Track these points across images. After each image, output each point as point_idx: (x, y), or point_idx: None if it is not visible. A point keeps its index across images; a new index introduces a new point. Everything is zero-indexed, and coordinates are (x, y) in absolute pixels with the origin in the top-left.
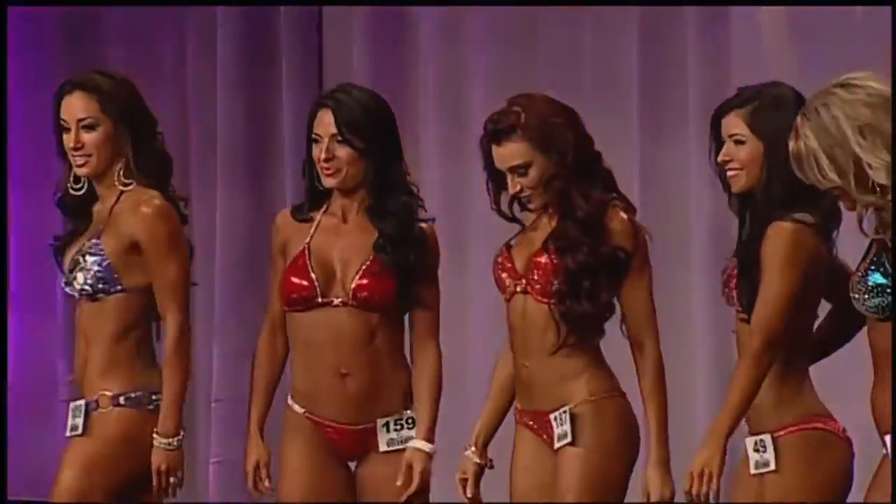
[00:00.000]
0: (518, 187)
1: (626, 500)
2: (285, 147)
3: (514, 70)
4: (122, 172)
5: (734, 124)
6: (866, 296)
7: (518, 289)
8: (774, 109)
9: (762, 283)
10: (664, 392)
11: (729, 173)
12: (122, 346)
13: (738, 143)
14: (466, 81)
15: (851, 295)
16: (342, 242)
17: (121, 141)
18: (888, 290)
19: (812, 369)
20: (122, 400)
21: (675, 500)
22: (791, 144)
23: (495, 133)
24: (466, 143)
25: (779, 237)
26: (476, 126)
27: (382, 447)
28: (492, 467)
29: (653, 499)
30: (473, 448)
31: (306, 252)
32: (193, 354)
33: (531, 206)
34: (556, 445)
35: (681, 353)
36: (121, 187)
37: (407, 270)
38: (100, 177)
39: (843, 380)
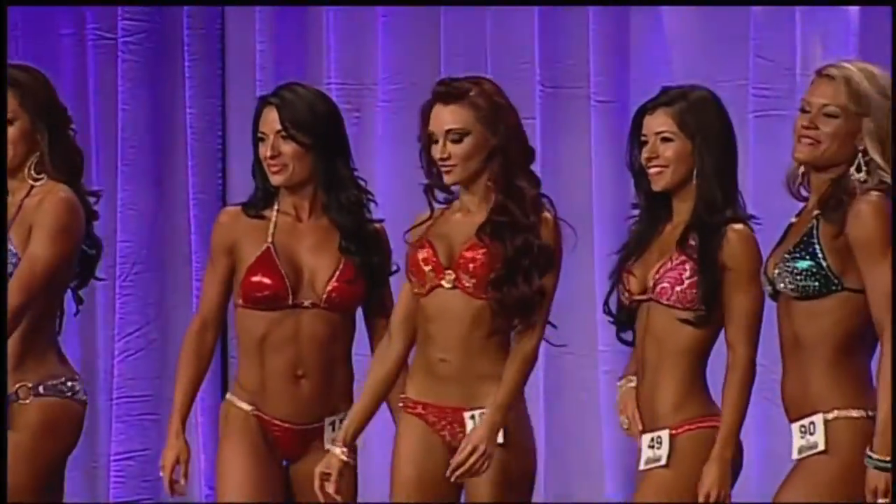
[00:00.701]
0: (447, 154)
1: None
2: (188, 142)
3: (416, 64)
4: (34, 167)
5: (662, 122)
6: (792, 278)
7: (445, 284)
8: (702, 109)
9: (736, 290)
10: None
11: (653, 170)
12: (35, 337)
13: (666, 140)
14: (369, 77)
15: (774, 274)
16: (305, 243)
17: (36, 136)
18: (816, 274)
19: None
20: (41, 389)
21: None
22: (834, 85)
23: (446, 94)
24: (370, 139)
25: (747, 242)
26: (378, 125)
27: (327, 445)
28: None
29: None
30: (342, 444)
31: (272, 251)
32: (96, 352)
33: (449, 177)
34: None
35: (583, 343)
36: (31, 182)
37: (373, 272)
38: (13, 171)
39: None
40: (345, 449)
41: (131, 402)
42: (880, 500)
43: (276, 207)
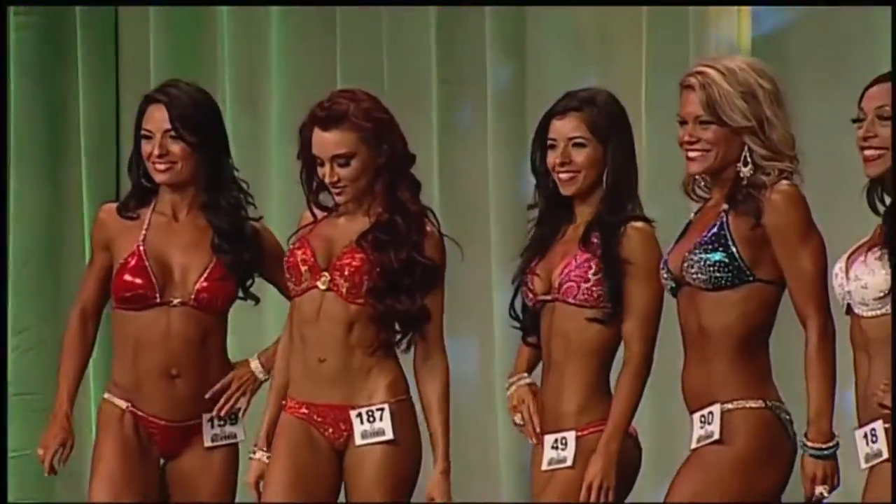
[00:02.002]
0: (335, 178)
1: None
2: (82, 140)
3: (313, 67)
4: None
5: (574, 127)
6: (704, 270)
7: (320, 284)
8: (611, 114)
9: (635, 287)
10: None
11: (563, 175)
12: None
13: (578, 145)
14: (265, 78)
15: (682, 267)
16: (178, 241)
17: None
18: (729, 265)
19: None
20: None
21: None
22: (697, 93)
23: (325, 119)
24: (265, 135)
25: (646, 239)
26: (274, 122)
27: (207, 443)
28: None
29: (584, 484)
30: (262, 449)
31: (142, 251)
32: None
33: (340, 198)
34: (359, 442)
35: (483, 351)
36: None
37: (245, 271)
38: None
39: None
40: (267, 452)
41: (26, 398)
42: (819, 488)
43: (152, 206)
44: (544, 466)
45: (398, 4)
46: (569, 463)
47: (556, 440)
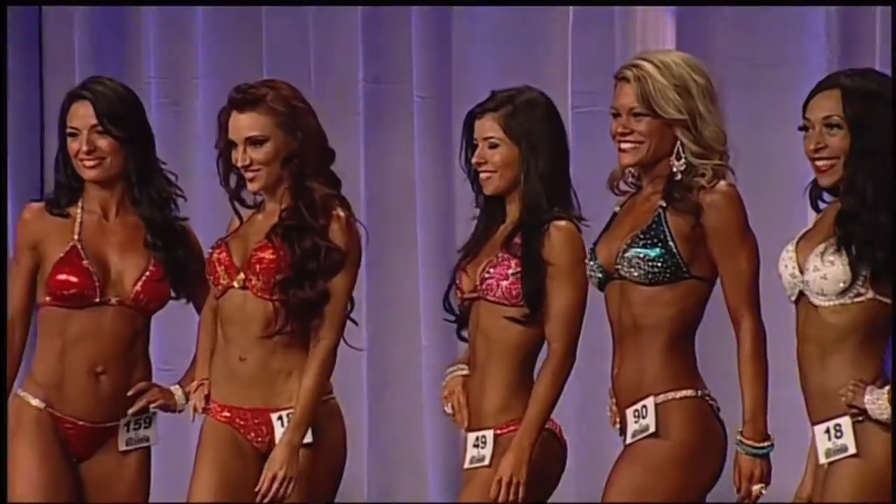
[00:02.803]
0: (248, 160)
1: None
2: (6, 139)
3: (238, 66)
4: None
5: (489, 128)
6: (641, 265)
7: (236, 284)
8: (529, 113)
9: (556, 286)
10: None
11: (482, 175)
12: None
13: (493, 146)
14: (190, 72)
15: (616, 261)
16: (112, 241)
17: None
18: (667, 261)
19: None
20: None
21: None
22: (632, 86)
23: (242, 101)
24: (190, 134)
25: (568, 238)
26: (200, 121)
27: (122, 446)
28: None
29: (495, 479)
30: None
31: (79, 249)
32: None
33: (253, 185)
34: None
35: (410, 349)
36: None
37: (179, 268)
38: None
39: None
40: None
41: None
42: (755, 487)
43: (80, 205)
44: (466, 465)
45: (324, 4)
46: (487, 462)
47: (476, 438)
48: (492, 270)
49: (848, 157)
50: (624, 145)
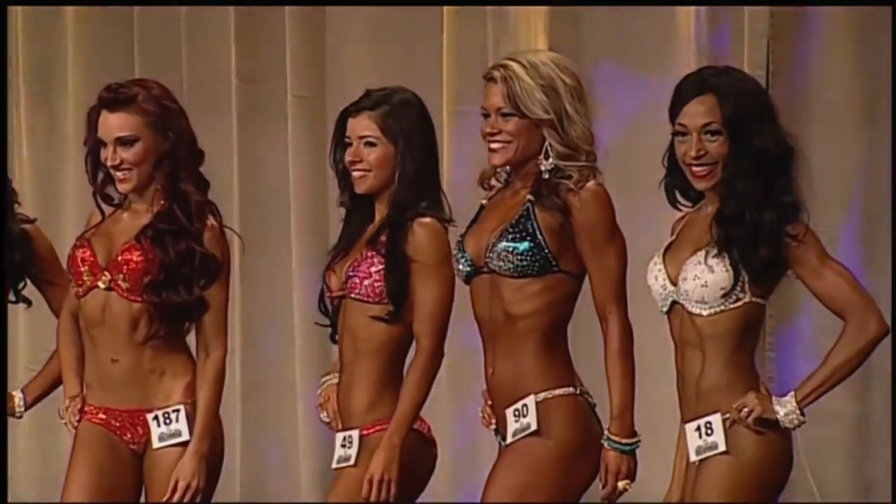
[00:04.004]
0: (118, 160)
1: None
2: None
3: (110, 66)
4: None
5: (365, 126)
6: (511, 258)
7: (101, 285)
8: (405, 113)
9: (422, 282)
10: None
11: (356, 174)
12: None
13: (369, 144)
14: (60, 76)
15: (485, 253)
16: None
17: None
18: (536, 255)
19: None
20: None
21: None
22: (500, 86)
23: (113, 100)
24: (62, 138)
25: (432, 235)
26: (69, 120)
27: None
28: None
29: (366, 477)
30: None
31: None
32: None
33: (123, 185)
34: (157, 445)
35: (284, 351)
36: None
37: (16, 273)
38: None
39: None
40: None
41: None
42: (621, 483)
43: None
44: (334, 465)
45: (197, 4)
46: (352, 462)
47: (343, 438)
48: (356, 268)
49: (726, 161)
50: (493, 145)
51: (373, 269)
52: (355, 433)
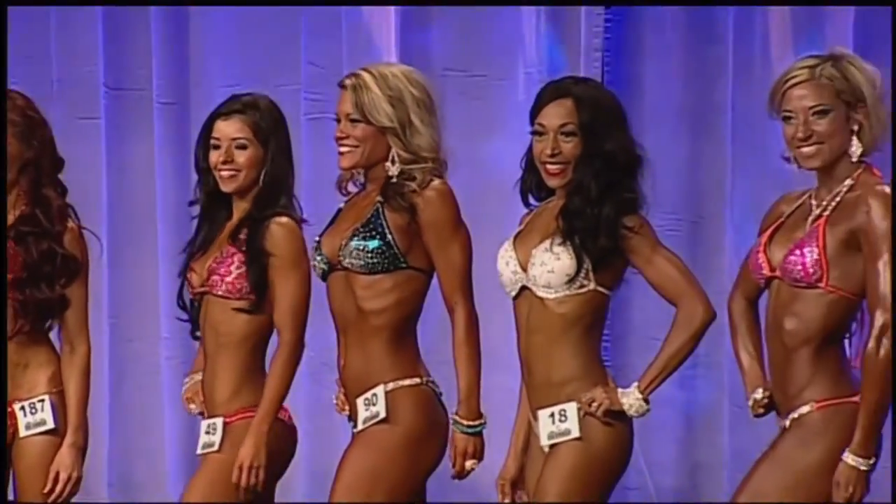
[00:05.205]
0: None
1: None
2: None
3: None
4: None
5: (238, 129)
6: (362, 255)
7: None
8: (273, 118)
9: (281, 278)
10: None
11: (225, 174)
12: None
13: (241, 146)
14: None
15: (337, 252)
16: None
17: None
18: (386, 252)
19: None
20: None
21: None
22: (350, 94)
23: None
24: None
25: (289, 233)
26: None
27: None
28: None
29: (235, 464)
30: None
31: None
32: None
33: None
34: (24, 434)
35: (150, 345)
36: None
37: None
38: None
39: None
40: None
41: None
42: (469, 462)
43: None
44: (199, 451)
45: (65, 4)
46: (216, 447)
47: (208, 426)
48: (218, 266)
49: (577, 161)
50: (342, 149)
51: (233, 266)
52: (219, 420)
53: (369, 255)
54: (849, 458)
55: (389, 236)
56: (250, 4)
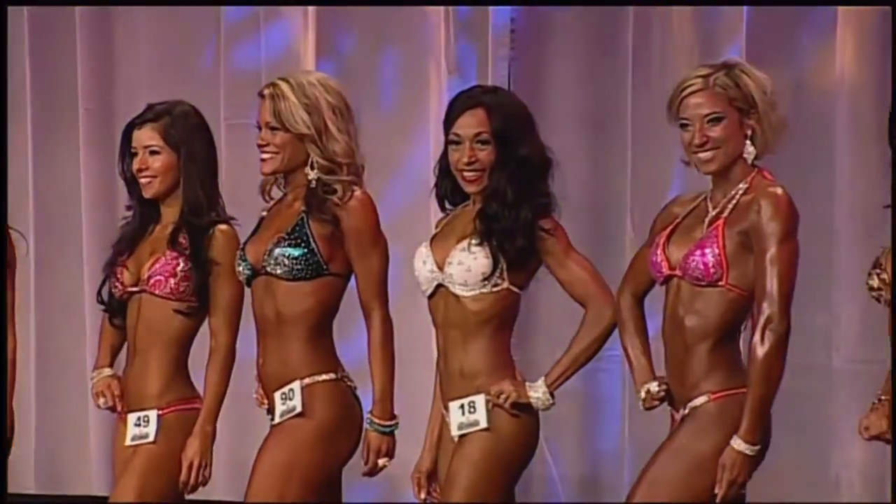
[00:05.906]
0: None
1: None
2: None
3: None
4: None
5: (150, 136)
6: (286, 262)
7: None
8: (185, 124)
9: (220, 284)
10: None
11: (143, 180)
12: None
13: (154, 153)
14: None
15: (262, 259)
16: None
17: None
18: (309, 260)
19: None
20: None
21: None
22: (268, 102)
23: None
24: None
25: (231, 240)
26: None
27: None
28: None
29: (184, 463)
30: None
31: None
32: None
33: None
34: None
35: (76, 341)
36: None
37: None
38: None
39: None
40: None
41: None
42: (381, 460)
43: None
44: (128, 442)
45: None
46: (151, 438)
47: (138, 418)
48: (160, 268)
49: (492, 167)
50: (263, 155)
51: (177, 269)
52: (152, 413)
53: (294, 261)
54: (736, 442)
55: (314, 244)
56: (169, 4)
